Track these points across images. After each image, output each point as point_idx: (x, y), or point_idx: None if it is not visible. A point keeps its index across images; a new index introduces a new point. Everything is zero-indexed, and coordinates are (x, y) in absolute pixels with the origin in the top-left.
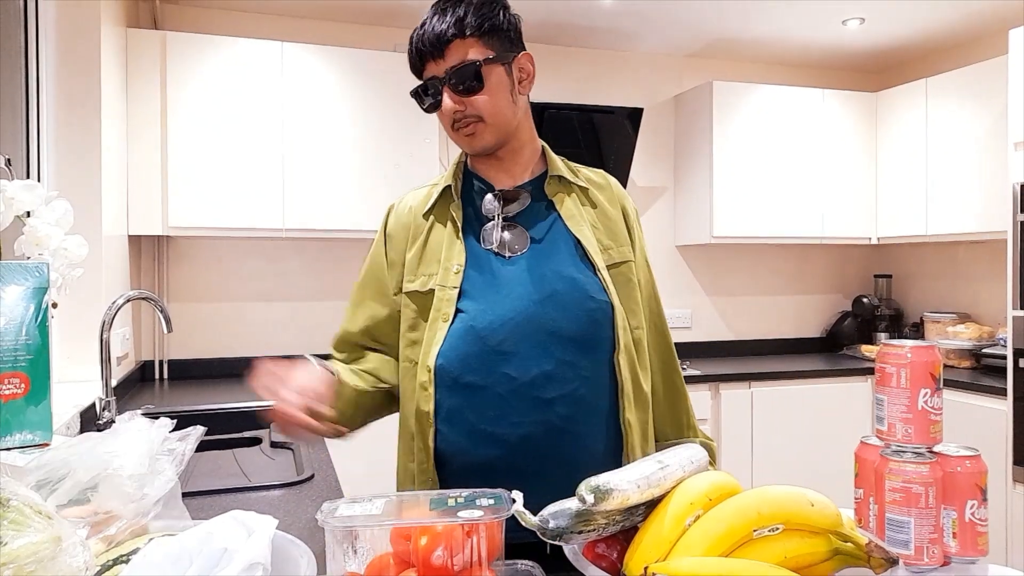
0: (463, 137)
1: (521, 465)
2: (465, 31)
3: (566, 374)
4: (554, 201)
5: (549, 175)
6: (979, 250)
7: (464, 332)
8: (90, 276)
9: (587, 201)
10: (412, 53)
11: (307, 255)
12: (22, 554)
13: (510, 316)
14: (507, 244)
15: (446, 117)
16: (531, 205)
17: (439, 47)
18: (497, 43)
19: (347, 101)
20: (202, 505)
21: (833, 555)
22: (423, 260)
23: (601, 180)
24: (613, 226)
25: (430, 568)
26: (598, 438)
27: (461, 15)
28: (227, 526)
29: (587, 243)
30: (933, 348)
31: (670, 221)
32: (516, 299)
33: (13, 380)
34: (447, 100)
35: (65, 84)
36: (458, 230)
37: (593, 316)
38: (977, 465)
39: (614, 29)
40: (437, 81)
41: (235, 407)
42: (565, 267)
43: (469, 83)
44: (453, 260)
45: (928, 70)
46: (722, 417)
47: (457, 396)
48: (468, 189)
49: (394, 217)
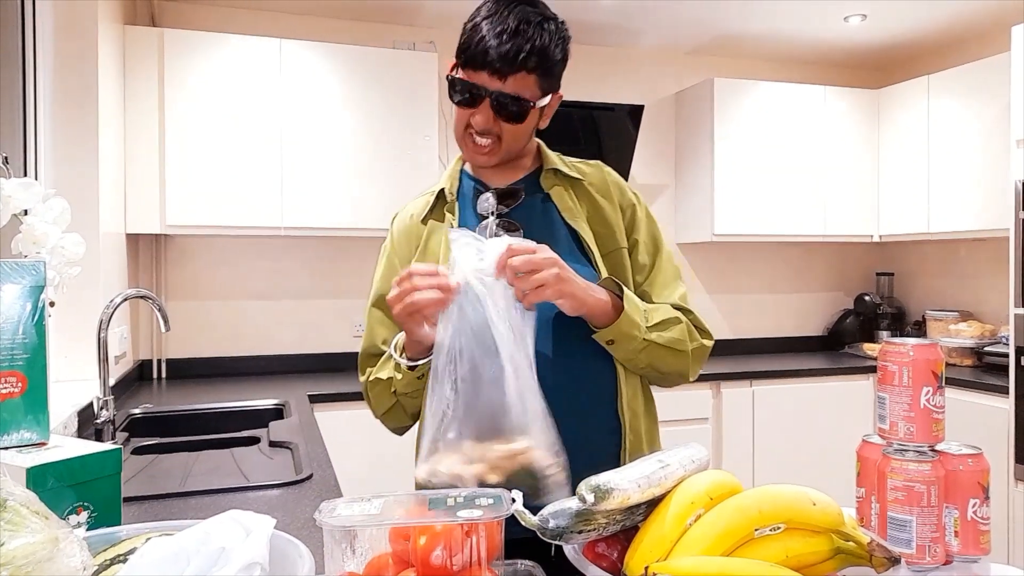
0: (476, 148)
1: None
2: (532, 65)
3: (565, 360)
4: (551, 194)
5: (544, 168)
6: (981, 248)
7: None
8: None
9: (582, 192)
10: (473, 47)
11: (306, 253)
12: (19, 555)
13: None
14: None
15: (469, 122)
16: (527, 200)
17: (503, 70)
18: (548, 84)
19: (346, 98)
20: (200, 505)
21: (835, 554)
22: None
23: (594, 170)
24: (606, 215)
25: (429, 568)
26: (598, 424)
27: (536, 45)
28: (225, 526)
29: (584, 234)
30: (935, 346)
31: (671, 219)
32: None
33: (10, 379)
34: (483, 115)
35: (62, 82)
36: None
37: None
38: (979, 463)
39: (615, 26)
40: (480, 91)
41: (233, 406)
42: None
43: (513, 114)
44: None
45: (930, 67)
46: (723, 416)
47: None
48: (466, 191)
49: (397, 225)
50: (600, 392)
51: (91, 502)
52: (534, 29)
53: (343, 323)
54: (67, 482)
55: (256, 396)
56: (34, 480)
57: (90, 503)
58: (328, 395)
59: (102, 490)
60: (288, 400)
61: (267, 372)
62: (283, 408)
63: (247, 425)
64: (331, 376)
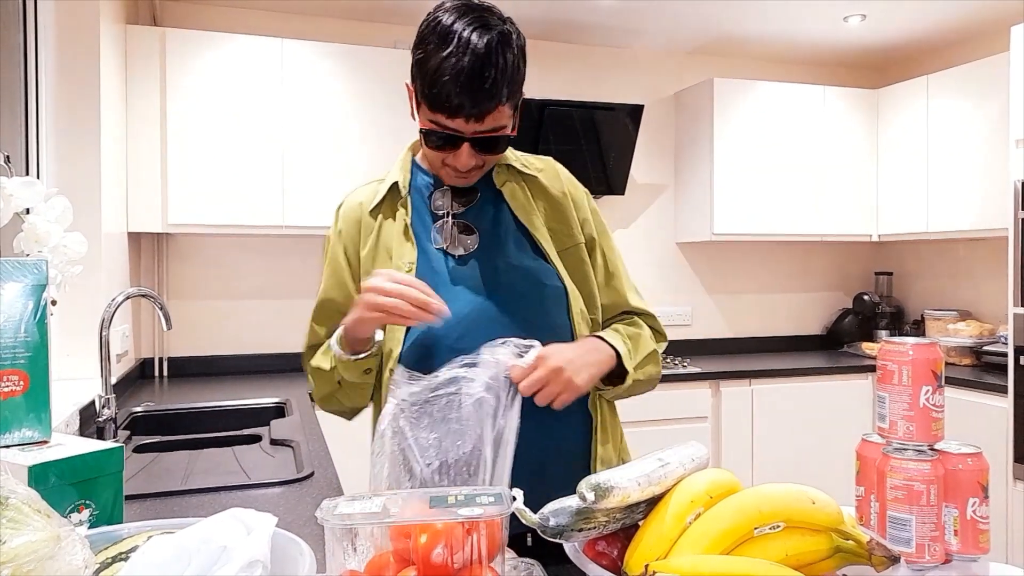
0: (457, 177)
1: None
2: (504, 97)
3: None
4: (503, 191)
5: (497, 164)
6: (980, 247)
7: (422, 334)
8: (89, 273)
9: (535, 189)
10: (442, 97)
11: (307, 252)
12: (21, 553)
13: (465, 312)
14: (458, 242)
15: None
16: (479, 198)
17: (479, 114)
18: (518, 99)
19: (347, 98)
20: (202, 502)
21: (834, 553)
22: (376, 259)
23: (545, 166)
24: (561, 210)
25: (430, 566)
26: (566, 424)
27: (504, 73)
28: (226, 524)
29: (537, 232)
30: (934, 345)
31: (671, 218)
32: (470, 294)
33: (12, 377)
34: (466, 156)
35: (64, 81)
36: (407, 228)
37: (547, 303)
38: (979, 463)
39: (615, 26)
40: (459, 137)
41: (235, 405)
42: (516, 257)
43: (495, 148)
44: (404, 259)
45: (929, 67)
46: (722, 415)
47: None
48: (418, 184)
49: (345, 213)
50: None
51: (93, 500)
52: (496, 53)
53: None
54: (69, 480)
55: (257, 394)
56: (36, 478)
57: (92, 501)
58: None
59: (104, 488)
60: (289, 398)
61: (268, 370)
62: (284, 406)
63: (248, 423)
64: None
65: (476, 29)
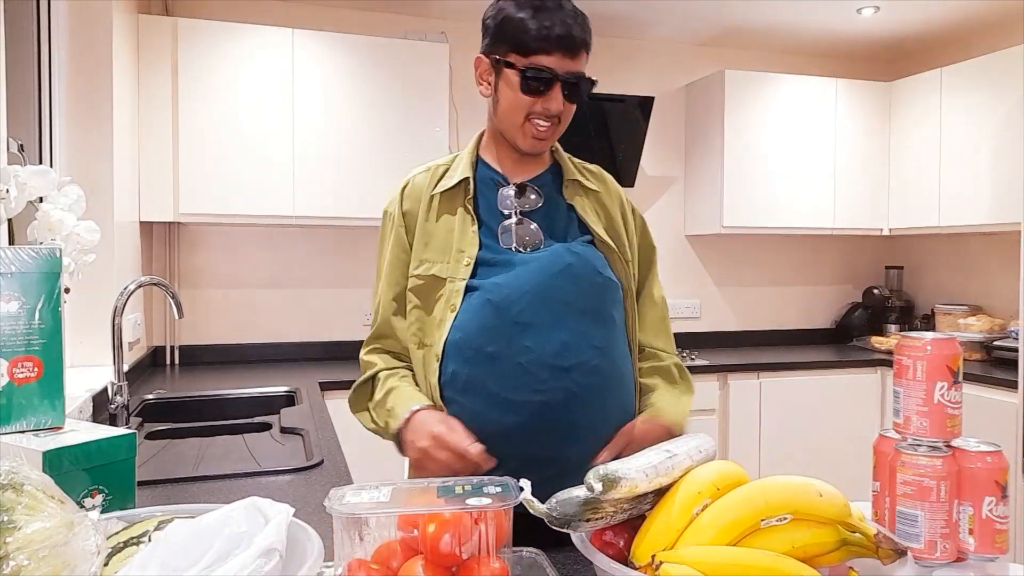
0: (538, 134)
1: (538, 431)
2: (589, 43)
3: (580, 343)
4: (574, 204)
5: (566, 179)
6: (991, 242)
7: (481, 306)
8: (102, 262)
9: (599, 204)
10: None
11: (317, 242)
12: (36, 539)
13: (527, 288)
14: (524, 240)
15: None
16: (547, 202)
17: (575, 49)
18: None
19: (358, 88)
20: (213, 489)
21: (841, 545)
22: (429, 246)
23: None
24: (618, 229)
25: (438, 555)
26: (615, 406)
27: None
28: (245, 511)
29: (597, 231)
30: (952, 341)
31: (680, 211)
32: (532, 272)
33: (26, 364)
34: (556, 99)
35: (77, 70)
36: (473, 222)
37: (601, 290)
38: (997, 461)
39: (625, 17)
40: (555, 75)
41: (245, 393)
42: (577, 247)
43: (581, 92)
44: (465, 252)
45: (943, 59)
46: (730, 407)
47: (477, 367)
48: (480, 176)
49: (409, 195)
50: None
51: (106, 485)
52: (573, 8)
53: (353, 312)
54: (82, 466)
55: (267, 383)
56: (50, 464)
57: (105, 486)
58: (339, 382)
59: (117, 474)
60: (299, 387)
61: (278, 359)
62: (294, 395)
63: (259, 411)
64: (341, 364)
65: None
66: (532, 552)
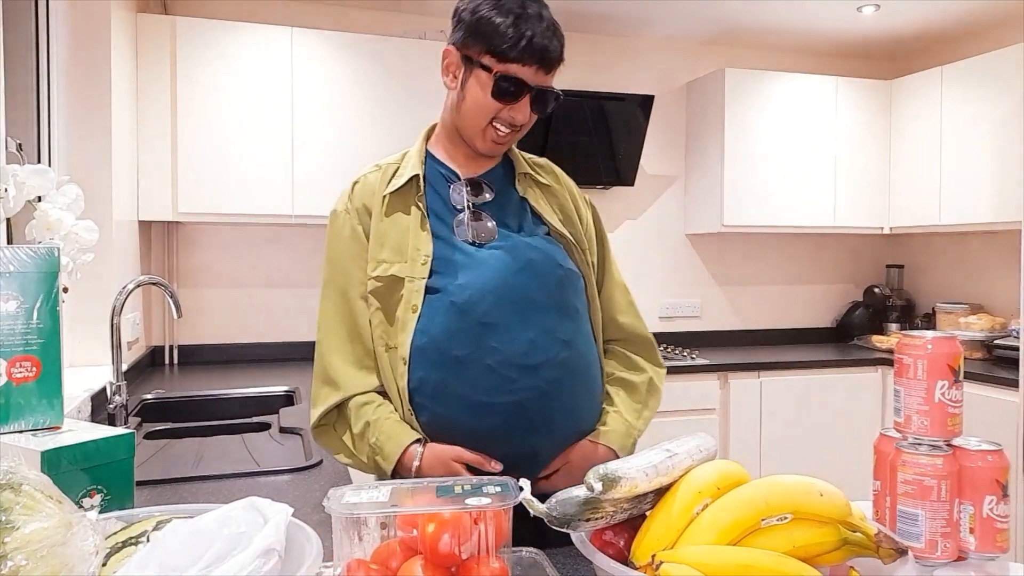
0: (498, 139)
1: (516, 431)
2: (563, 61)
3: (547, 340)
4: (527, 198)
5: (518, 172)
6: (992, 240)
7: (445, 308)
8: (100, 261)
9: (552, 197)
10: (523, 43)
11: (316, 241)
12: (34, 539)
13: (490, 288)
14: (479, 234)
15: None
16: (499, 195)
17: (551, 64)
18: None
19: (356, 87)
20: (211, 489)
21: (842, 545)
22: (385, 246)
23: (556, 176)
24: (574, 219)
25: (437, 555)
26: (584, 396)
27: (560, 41)
28: (245, 511)
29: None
30: (953, 340)
31: (680, 209)
32: (494, 271)
33: (24, 363)
34: (523, 109)
35: (75, 68)
36: (425, 219)
37: (563, 283)
38: (998, 460)
39: (626, 15)
40: (527, 86)
41: (244, 393)
42: (535, 240)
43: (546, 106)
44: (421, 251)
45: (944, 58)
46: (731, 406)
47: (445, 371)
48: (430, 174)
49: (361, 193)
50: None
51: (104, 485)
52: (552, 21)
53: None
54: (81, 465)
55: (266, 383)
56: (48, 463)
57: (103, 486)
58: None
59: (115, 474)
60: (298, 387)
61: (277, 359)
62: (293, 394)
63: (258, 411)
64: None
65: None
66: (532, 552)
